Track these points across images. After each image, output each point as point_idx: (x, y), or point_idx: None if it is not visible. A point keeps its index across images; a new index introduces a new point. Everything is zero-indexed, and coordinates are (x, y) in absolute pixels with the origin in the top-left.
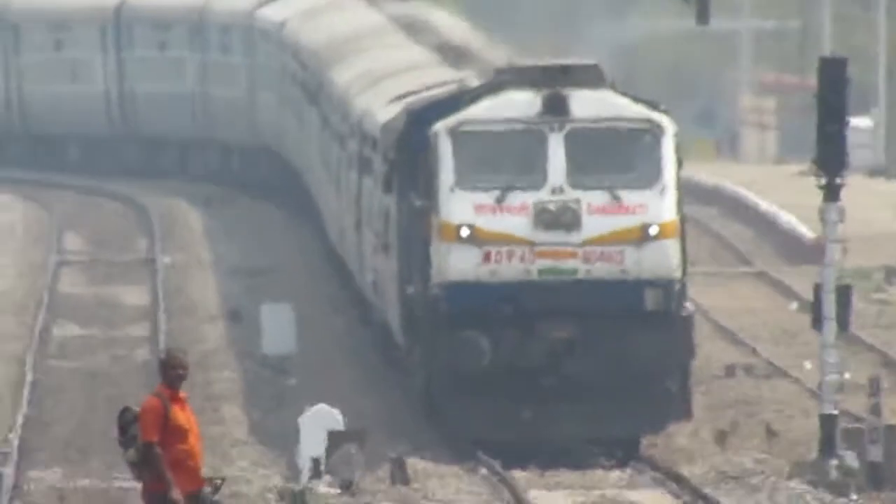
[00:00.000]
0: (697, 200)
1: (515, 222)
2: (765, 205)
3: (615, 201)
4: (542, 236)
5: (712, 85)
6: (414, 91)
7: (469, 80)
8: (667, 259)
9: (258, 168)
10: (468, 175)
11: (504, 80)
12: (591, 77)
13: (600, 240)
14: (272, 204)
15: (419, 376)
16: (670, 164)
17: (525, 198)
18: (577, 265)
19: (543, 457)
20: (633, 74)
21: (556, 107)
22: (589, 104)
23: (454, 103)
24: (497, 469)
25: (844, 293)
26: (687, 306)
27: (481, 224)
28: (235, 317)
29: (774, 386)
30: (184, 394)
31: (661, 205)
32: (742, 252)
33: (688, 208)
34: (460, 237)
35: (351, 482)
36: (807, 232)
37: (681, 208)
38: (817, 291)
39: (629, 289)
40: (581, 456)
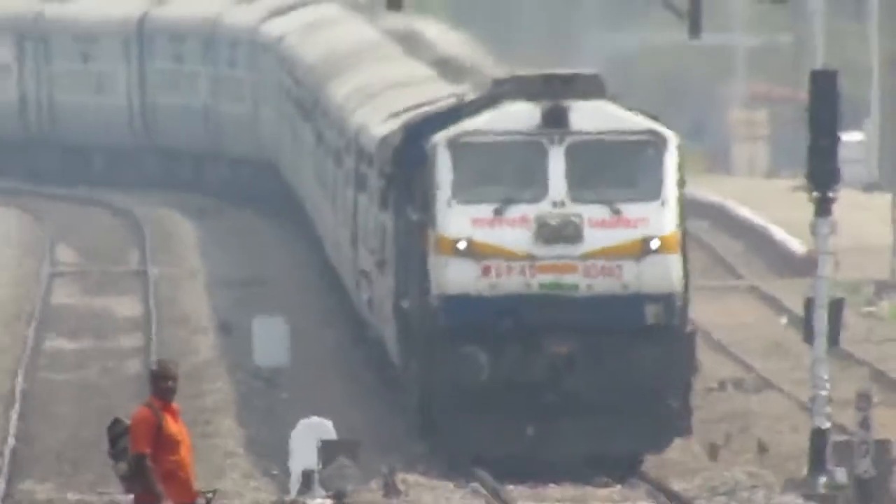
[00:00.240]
0: (688, 214)
1: (515, 236)
2: (756, 218)
3: (616, 215)
4: (543, 250)
5: (705, 98)
6: (411, 106)
7: (467, 95)
8: (668, 273)
9: (264, 182)
10: (466, 188)
11: (503, 92)
12: (592, 88)
13: (601, 253)
14: (270, 217)
15: (415, 392)
16: (672, 177)
17: (525, 211)
18: (578, 280)
19: (538, 472)
20: (627, 87)
21: (557, 119)
22: (590, 116)
23: (452, 116)
24: (491, 483)
25: (836, 307)
26: (689, 321)
27: (479, 237)
28: (227, 329)
29: (766, 400)
30: (176, 405)
31: (663, 218)
32: (733, 266)
33: None
34: (457, 250)
35: (344, 494)
36: (798, 246)
37: (682, 221)
38: (809, 306)
39: (630, 303)
40: (578, 472)
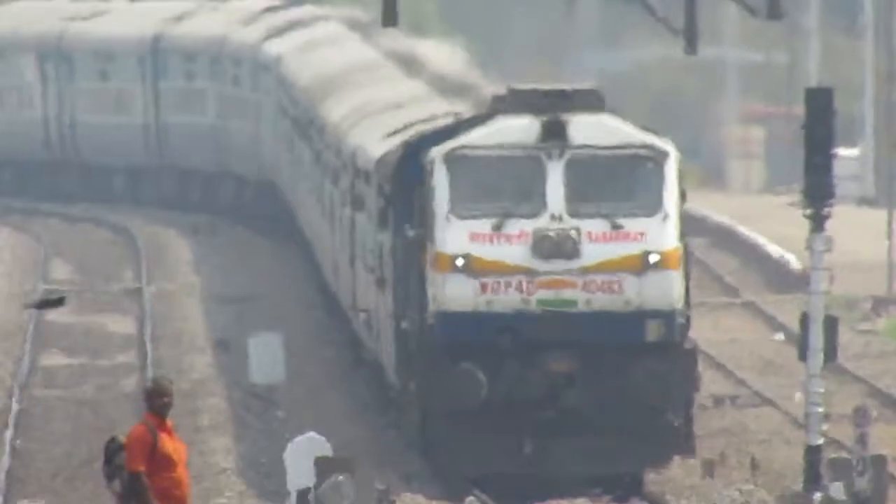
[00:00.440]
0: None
1: (513, 251)
2: (751, 234)
3: (615, 229)
4: (541, 265)
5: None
6: (408, 125)
7: (465, 112)
8: (669, 289)
9: (267, 201)
10: (464, 203)
11: (502, 107)
12: (591, 102)
13: (600, 268)
14: (267, 234)
15: (414, 411)
16: (672, 191)
17: (523, 226)
18: (578, 295)
19: (539, 491)
20: (619, 104)
21: (556, 132)
22: (589, 129)
23: (451, 132)
24: (489, 502)
25: (831, 324)
26: (690, 337)
27: (477, 253)
28: (223, 346)
29: (761, 416)
30: (171, 422)
31: (664, 233)
32: (728, 282)
33: None
34: (455, 267)
35: None
36: (794, 262)
37: (683, 236)
38: (804, 322)
39: (630, 319)
40: (578, 491)
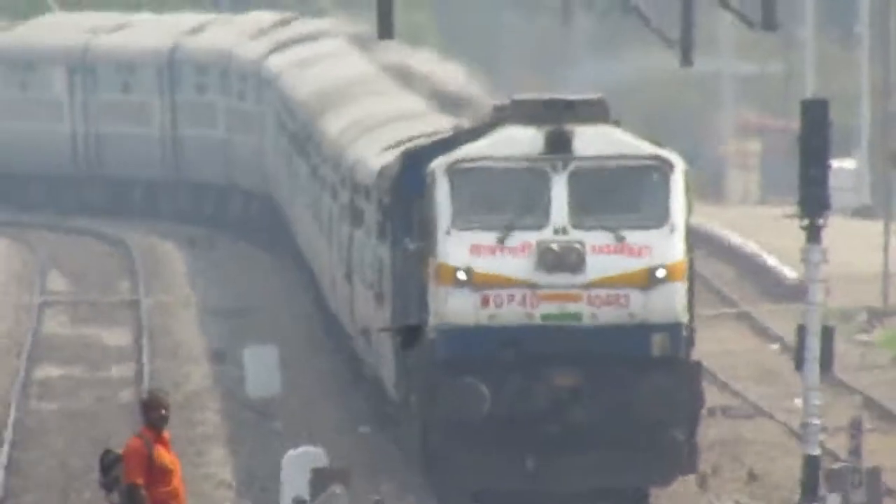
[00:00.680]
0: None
1: (516, 264)
2: (748, 246)
3: (620, 242)
4: (545, 278)
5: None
6: (408, 138)
7: (466, 124)
8: (674, 303)
9: (270, 215)
10: (466, 215)
11: (504, 118)
12: (595, 112)
13: (605, 282)
14: (264, 247)
15: (415, 426)
16: (679, 203)
17: (526, 238)
18: (582, 309)
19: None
20: (618, 115)
21: (560, 144)
22: (593, 141)
23: (452, 144)
24: None
25: (827, 335)
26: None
27: (479, 266)
28: (220, 358)
29: (757, 427)
30: (167, 434)
31: (669, 245)
32: (724, 293)
33: None
34: (457, 280)
35: None
36: (790, 273)
37: (691, 249)
38: (800, 333)
39: (635, 333)
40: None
